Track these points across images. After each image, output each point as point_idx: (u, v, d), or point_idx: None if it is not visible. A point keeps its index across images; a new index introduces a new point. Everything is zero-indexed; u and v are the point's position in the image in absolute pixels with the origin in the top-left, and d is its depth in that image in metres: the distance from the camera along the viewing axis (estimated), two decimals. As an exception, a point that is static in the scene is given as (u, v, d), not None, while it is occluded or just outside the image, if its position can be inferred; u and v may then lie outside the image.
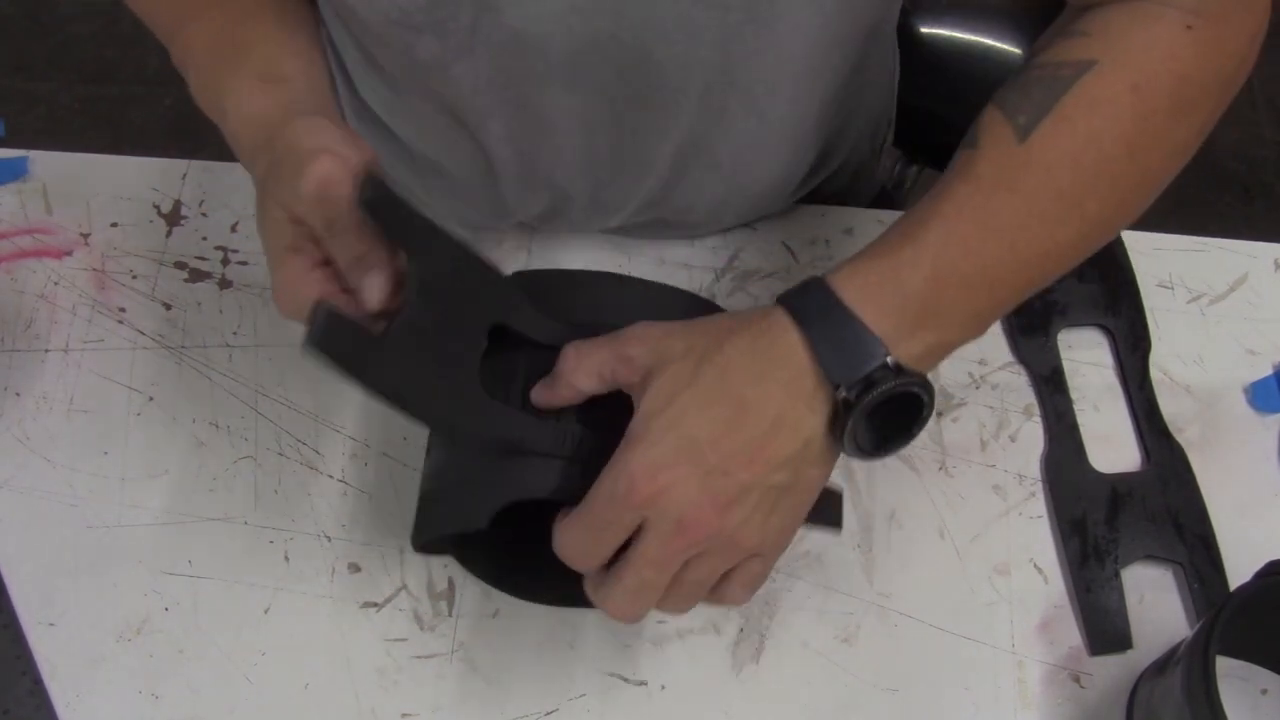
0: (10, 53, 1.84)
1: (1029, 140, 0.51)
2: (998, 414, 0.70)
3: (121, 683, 0.62)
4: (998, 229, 0.51)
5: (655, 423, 0.49)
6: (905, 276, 0.50)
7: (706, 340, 0.51)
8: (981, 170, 0.52)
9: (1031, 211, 0.52)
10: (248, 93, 0.57)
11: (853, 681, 0.63)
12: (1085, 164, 0.52)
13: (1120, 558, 0.65)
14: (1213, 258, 0.76)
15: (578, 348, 0.52)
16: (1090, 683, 0.63)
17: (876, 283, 0.50)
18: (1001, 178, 0.52)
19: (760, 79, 0.61)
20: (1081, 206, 0.53)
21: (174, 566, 0.65)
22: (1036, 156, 0.52)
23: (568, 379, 0.52)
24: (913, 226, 0.52)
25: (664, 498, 0.48)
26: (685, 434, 0.48)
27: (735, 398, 0.49)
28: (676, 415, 0.49)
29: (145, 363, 0.71)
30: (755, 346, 0.50)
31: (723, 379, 0.49)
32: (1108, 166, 0.52)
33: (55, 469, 0.68)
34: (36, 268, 0.74)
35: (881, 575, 0.65)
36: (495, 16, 0.57)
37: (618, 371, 0.51)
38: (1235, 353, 0.72)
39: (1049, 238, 0.52)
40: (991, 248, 0.51)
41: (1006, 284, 0.53)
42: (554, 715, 0.62)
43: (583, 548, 0.50)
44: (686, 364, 0.50)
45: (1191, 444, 0.69)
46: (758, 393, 0.49)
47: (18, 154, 0.78)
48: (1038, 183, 0.52)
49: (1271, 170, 1.79)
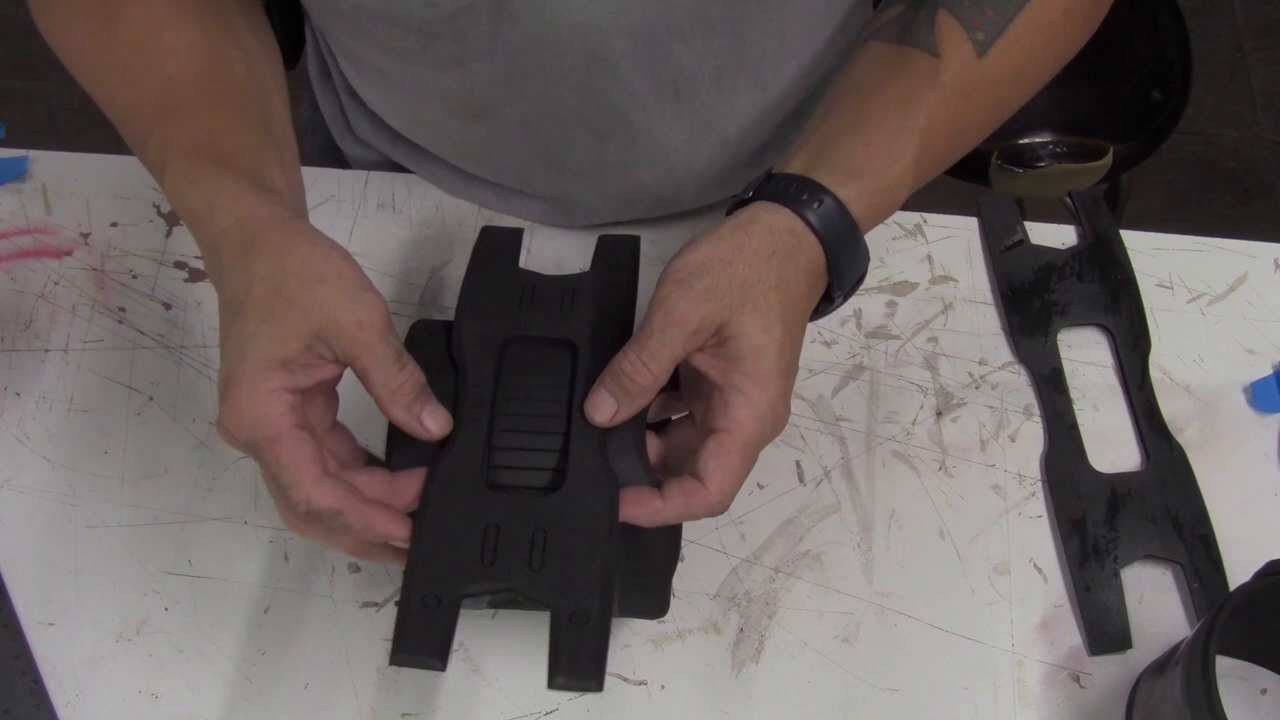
0: (10, 53, 1.84)
1: (986, 56, 0.57)
2: (997, 414, 0.70)
3: (121, 682, 0.62)
4: (955, 136, 0.58)
5: (767, 358, 0.51)
6: (897, 196, 0.56)
7: (761, 269, 0.52)
8: (946, 80, 0.57)
9: (978, 121, 0.59)
10: (240, 194, 0.53)
11: (853, 681, 0.63)
12: (1023, 80, 0.59)
13: (1120, 557, 0.65)
14: (1212, 258, 0.76)
15: (638, 350, 0.52)
16: (1090, 682, 0.63)
17: (879, 205, 0.55)
18: (961, 89, 0.57)
19: (767, 55, 0.63)
20: (1005, 113, 0.61)
21: (174, 566, 0.65)
22: (991, 72, 0.57)
23: (645, 382, 0.52)
24: (895, 137, 0.55)
25: (786, 419, 0.52)
26: (788, 361, 0.52)
27: (803, 316, 0.54)
28: (779, 348, 0.51)
29: (145, 363, 0.71)
30: (809, 271, 0.53)
31: (796, 306, 0.53)
32: (1035, 81, 0.60)
33: (55, 469, 0.68)
34: (36, 268, 0.74)
35: (881, 575, 0.65)
36: (514, 24, 0.57)
37: (690, 344, 0.52)
38: (1235, 353, 0.72)
39: (980, 138, 0.60)
40: (947, 157, 0.58)
41: (931, 178, 0.60)
42: (554, 715, 0.62)
43: (737, 488, 0.52)
44: (768, 299, 0.51)
45: (1191, 444, 0.69)
46: (807, 306, 0.54)
47: (18, 154, 0.78)
48: (987, 95, 0.58)
49: (1271, 170, 1.79)
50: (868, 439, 0.69)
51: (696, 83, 0.63)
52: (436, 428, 0.52)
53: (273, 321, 0.49)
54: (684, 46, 0.61)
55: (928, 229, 0.77)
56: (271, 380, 0.48)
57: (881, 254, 0.75)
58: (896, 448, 0.69)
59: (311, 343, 0.49)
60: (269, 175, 0.55)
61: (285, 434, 0.48)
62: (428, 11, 0.57)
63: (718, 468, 0.50)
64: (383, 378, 0.51)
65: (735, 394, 0.50)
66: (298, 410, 0.49)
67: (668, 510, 0.51)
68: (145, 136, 0.56)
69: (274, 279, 0.49)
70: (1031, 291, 0.74)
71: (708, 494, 0.50)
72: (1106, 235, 0.75)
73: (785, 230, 0.53)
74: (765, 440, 0.52)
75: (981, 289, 0.75)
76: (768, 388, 0.51)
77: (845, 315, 0.73)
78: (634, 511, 0.51)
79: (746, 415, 0.50)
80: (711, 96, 0.65)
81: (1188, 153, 1.79)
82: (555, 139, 0.68)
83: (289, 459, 0.48)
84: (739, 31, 0.61)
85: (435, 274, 0.74)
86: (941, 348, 0.72)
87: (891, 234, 0.76)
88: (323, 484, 0.48)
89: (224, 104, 0.57)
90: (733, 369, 0.51)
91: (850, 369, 0.72)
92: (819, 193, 0.53)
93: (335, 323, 0.49)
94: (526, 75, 0.62)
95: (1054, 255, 0.75)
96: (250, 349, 0.48)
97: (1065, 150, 1.06)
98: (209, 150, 0.54)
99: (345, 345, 0.50)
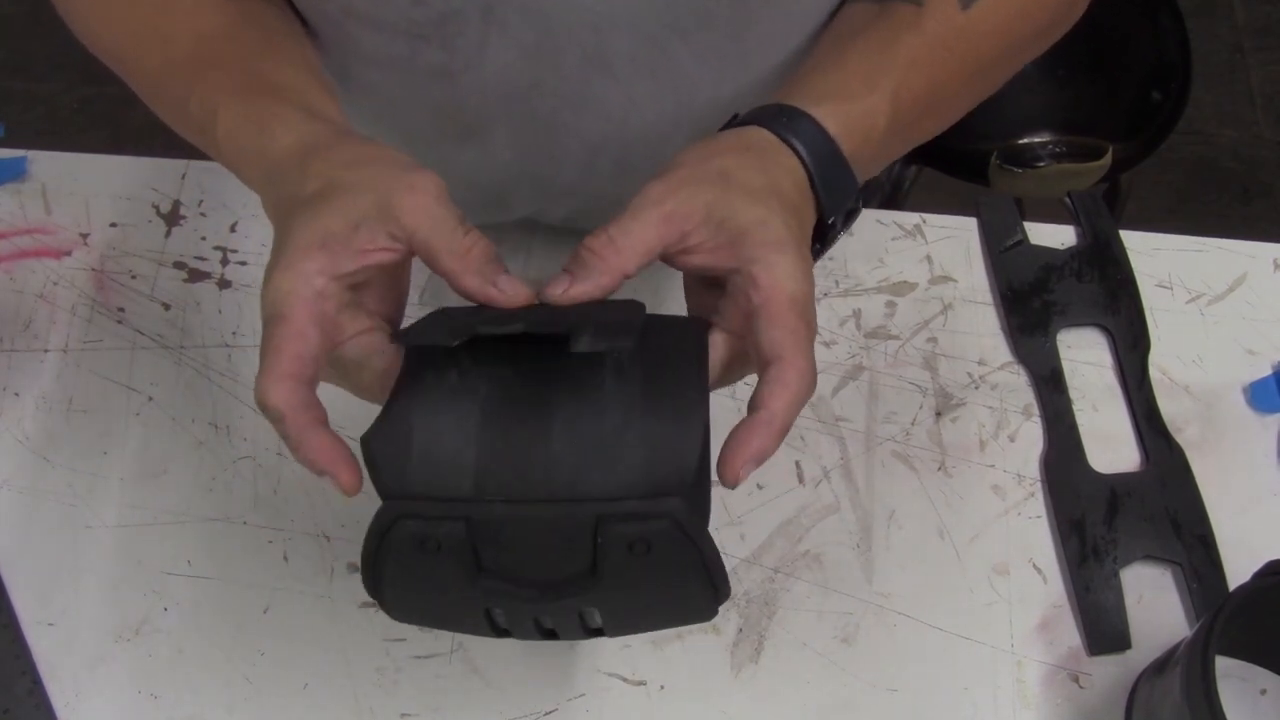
0: (10, 53, 1.84)
1: (971, 9, 0.56)
2: (997, 414, 0.70)
3: (121, 683, 0.62)
4: (936, 84, 0.56)
5: (773, 225, 0.47)
6: (875, 123, 0.54)
7: (741, 159, 0.50)
8: (928, 27, 0.55)
9: (961, 73, 0.57)
10: (297, 120, 0.51)
11: (852, 681, 0.63)
12: (1009, 39, 0.58)
13: (1119, 558, 0.65)
14: (1212, 258, 0.76)
15: (607, 228, 0.48)
16: (1089, 683, 0.63)
17: (854, 126, 0.53)
18: (943, 37, 0.56)
19: (768, 58, 0.62)
20: (996, 74, 0.60)
21: (174, 566, 0.65)
22: (975, 25, 0.56)
23: (610, 259, 0.47)
24: (872, 69, 0.54)
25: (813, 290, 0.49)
26: (797, 239, 0.48)
27: (800, 219, 0.50)
28: (784, 222, 0.48)
29: (145, 363, 0.71)
30: (794, 183, 0.51)
31: (789, 205, 0.50)
32: (1025, 41, 0.59)
33: (55, 469, 0.68)
34: (36, 268, 0.74)
35: (881, 575, 0.65)
36: (505, 31, 0.57)
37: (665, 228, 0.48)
38: (1234, 353, 0.72)
39: (969, 96, 0.59)
40: (929, 103, 0.56)
41: (924, 132, 0.59)
42: (553, 715, 0.62)
43: (810, 351, 0.48)
44: (752, 185, 0.49)
45: (1191, 444, 0.69)
46: (804, 218, 0.51)
47: (17, 154, 0.78)
48: (970, 47, 0.57)
49: (1270, 170, 1.79)
50: (867, 439, 0.69)
51: (696, 85, 0.63)
52: (516, 294, 0.46)
53: (320, 205, 0.46)
54: (684, 46, 0.60)
55: (927, 229, 0.77)
56: (308, 261, 0.45)
57: (881, 254, 0.75)
58: (896, 448, 0.69)
59: (360, 221, 0.46)
60: (323, 106, 0.53)
61: (292, 319, 0.45)
62: (416, 12, 0.56)
63: (781, 335, 0.45)
64: (446, 241, 0.46)
65: (754, 265, 0.46)
66: (327, 300, 0.46)
67: (776, 407, 0.45)
68: (185, 94, 0.54)
69: (327, 173, 0.48)
70: (1031, 291, 0.74)
71: (790, 364, 0.45)
72: (1106, 235, 0.75)
73: (758, 138, 0.51)
74: (809, 300, 0.47)
75: (981, 289, 0.75)
76: (786, 249, 0.47)
77: (845, 315, 0.73)
78: (746, 435, 0.45)
79: (779, 276, 0.46)
80: (711, 99, 0.65)
81: (1187, 153, 1.79)
82: (546, 159, 0.66)
83: (276, 343, 0.45)
84: (739, 32, 0.61)
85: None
86: (941, 348, 0.72)
87: (891, 234, 0.76)
88: (282, 383, 0.45)
89: (264, 50, 0.56)
90: (740, 244, 0.47)
91: (850, 369, 0.72)
92: (789, 111, 0.52)
93: (388, 193, 0.46)
94: (517, 90, 0.61)
95: (1053, 255, 0.75)
96: (295, 232, 0.46)
97: (1065, 150, 1.06)
98: (259, 87, 0.53)
99: (400, 215, 0.46)
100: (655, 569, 0.43)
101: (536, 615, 0.45)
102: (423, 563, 0.43)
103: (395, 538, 0.43)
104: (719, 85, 0.63)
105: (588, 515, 0.42)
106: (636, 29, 0.58)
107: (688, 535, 0.42)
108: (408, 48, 0.59)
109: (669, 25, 0.59)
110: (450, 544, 0.43)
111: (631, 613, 0.47)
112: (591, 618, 0.46)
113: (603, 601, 0.44)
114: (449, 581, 0.44)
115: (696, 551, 0.43)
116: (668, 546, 0.42)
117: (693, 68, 0.62)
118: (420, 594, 0.46)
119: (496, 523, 0.43)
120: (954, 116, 0.60)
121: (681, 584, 0.44)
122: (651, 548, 0.42)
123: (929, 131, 0.60)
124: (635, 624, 0.49)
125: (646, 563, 0.42)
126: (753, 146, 0.51)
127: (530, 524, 0.43)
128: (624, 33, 0.59)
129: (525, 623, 0.45)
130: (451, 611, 0.47)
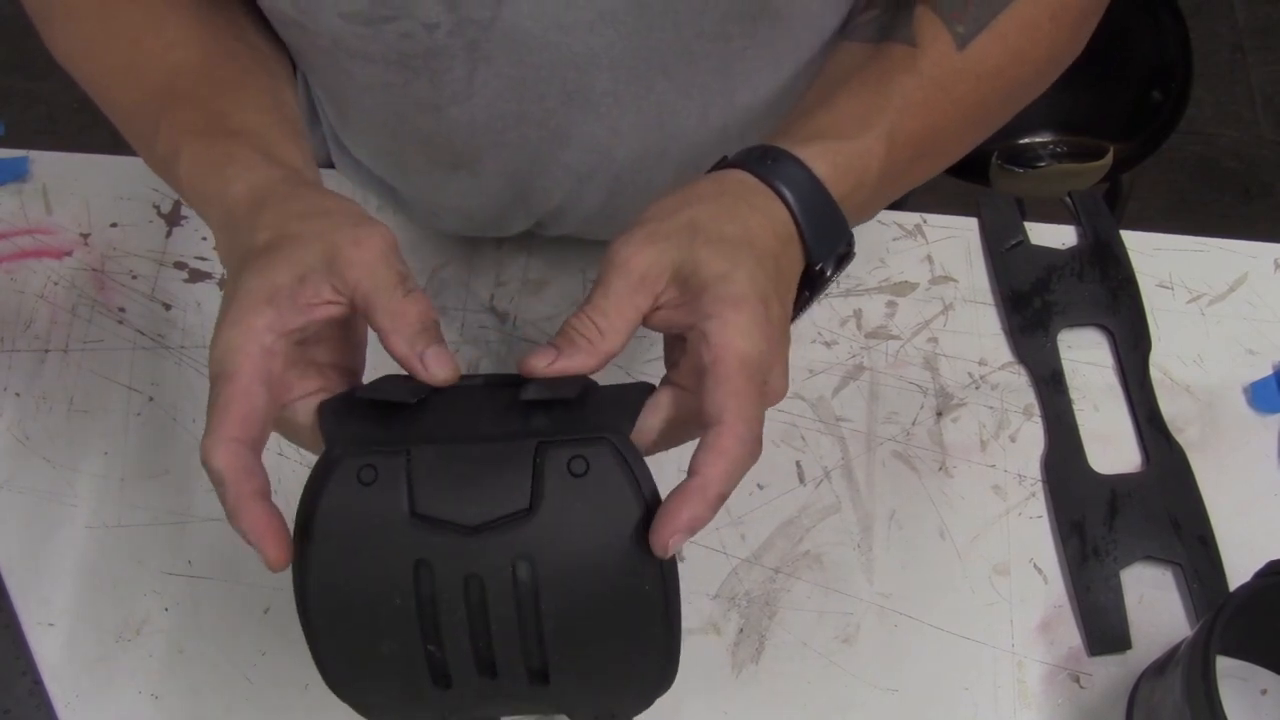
0: (10, 53, 1.84)
1: (967, 50, 0.55)
2: (997, 414, 0.70)
3: (121, 683, 0.62)
4: (933, 126, 0.56)
5: (736, 280, 0.46)
6: (868, 165, 0.53)
7: (712, 209, 0.48)
8: (924, 68, 0.55)
9: (958, 116, 0.57)
10: (254, 164, 0.51)
11: (853, 681, 0.63)
12: (1005, 80, 0.57)
13: (1119, 558, 0.65)
14: (1212, 258, 0.76)
15: (584, 307, 0.47)
16: (1090, 683, 0.63)
17: (845, 167, 0.52)
18: (939, 79, 0.55)
19: (756, 92, 0.62)
20: (992, 117, 0.59)
21: (174, 566, 0.65)
22: (972, 66, 0.56)
23: (591, 336, 0.47)
24: (864, 110, 0.54)
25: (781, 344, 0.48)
26: (763, 290, 0.47)
27: (778, 268, 0.49)
28: (749, 275, 0.47)
29: (145, 363, 0.71)
30: (776, 230, 0.49)
31: (767, 252, 0.48)
32: (1021, 84, 0.59)
33: (55, 469, 0.68)
34: (36, 268, 0.74)
35: (881, 575, 0.65)
36: (490, 66, 0.57)
37: (639, 293, 0.47)
38: (1235, 353, 0.72)
39: (966, 139, 0.59)
40: (926, 146, 0.56)
41: (919, 174, 0.59)
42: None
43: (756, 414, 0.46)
44: (723, 234, 0.47)
45: (1191, 444, 0.69)
46: (785, 265, 0.50)
47: (18, 154, 0.78)
48: (969, 90, 0.56)
49: (1271, 170, 1.79)
50: (868, 439, 0.69)
51: (681, 118, 0.62)
52: (441, 371, 0.46)
53: (269, 257, 0.46)
54: (667, 82, 0.59)
55: (928, 229, 0.77)
56: (256, 316, 0.45)
57: (882, 254, 0.75)
58: (896, 448, 0.69)
59: (305, 273, 0.46)
60: (283, 151, 0.53)
61: (238, 377, 0.45)
62: (404, 45, 0.56)
63: (724, 397, 0.44)
64: (383, 299, 0.46)
65: (708, 321, 0.45)
66: (275, 357, 0.45)
67: (710, 474, 0.43)
68: (153, 128, 0.54)
69: (278, 224, 0.47)
70: (1031, 292, 0.74)
71: (729, 429, 0.43)
72: (1106, 235, 0.75)
73: (737, 182, 0.50)
74: (763, 361, 0.45)
75: (981, 289, 0.75)
76: (742, 307, 0.45)
77: (845, 316, 0.73)
78: (677, 503, 0.43)
79: (731, 335, 0.44)
80: (698, 128, 0.63)
81: (1188, 153, 1.79)
82: (535, 188, 0.66)
83: (223, 402, 0.44)
84: (723, 67, 0.59)
85: (435, 274, 0.74)
86: (941, 348, 0.72)
87: (891, 234, 0.76)
88: (226, 445, 0.44)
89: (232, 89, 0.55)
90: (698, 299, 0.46)
91: (850, 369, 0.72)
92: (774, 153, 0.51)
93: (334, 246, 0.46)
94: (505, 123, 0.60)
95: (1054, 255, 0.75)
96: (243, 285, 0.46)
97: (1065, 150, 1.06)
98: (221, 129, 0.53)
99: (343, 269, 0.45)
100: (592, 493, 0.44)
101: (469, 567, 0.44)
102: (360, 497, 0.44)
103: (336, 473, 0.44)
104: (705, 118, 0.62)
105: (528, 446, 0.44)
106: (619, 66, 0.58)
107: (624, 460, 0.44)
108: (399, 77, 0.58)
109: (651, 63, 0.58)
110: (388, 475, 0.43)
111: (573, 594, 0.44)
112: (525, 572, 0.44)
113: (539, 544, 0.43)
114: (383, 520, 0.44)
115: (632, 477, 0.44)
116: (605, 467, 0.44)
117: (677, 102, 0.61)
118: (351, 540, 0.45)
119: (436, 458, 0.44)
120: (951, 159, 0.59)
121: (620, 515, 0.44)
122: (590, 467, 0.43)
123: (925, 174, 0.59)
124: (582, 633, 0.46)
125: (584, 485, 0.43)
126: (729, 191, 0.49)
127: (470, 458, 0.44)
128: (605, 71, 0.58)
129: (458, 611, 0.44)
130: (378, 586, 0.45)
